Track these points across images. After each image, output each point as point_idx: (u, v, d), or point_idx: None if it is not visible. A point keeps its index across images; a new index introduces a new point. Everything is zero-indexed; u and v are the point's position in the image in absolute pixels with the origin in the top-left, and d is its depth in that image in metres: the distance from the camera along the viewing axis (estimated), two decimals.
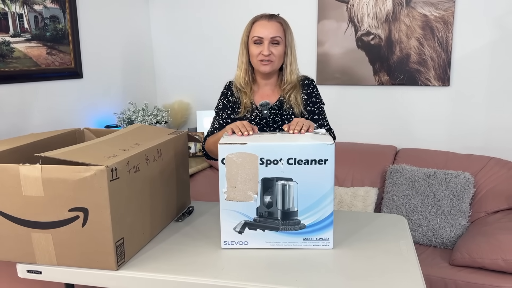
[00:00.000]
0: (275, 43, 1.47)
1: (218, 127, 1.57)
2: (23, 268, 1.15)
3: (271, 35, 1.46)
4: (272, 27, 1.47)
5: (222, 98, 1.61)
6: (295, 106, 1.52)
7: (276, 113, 1.53)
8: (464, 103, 2.48)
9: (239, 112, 1.54)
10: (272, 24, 1.47)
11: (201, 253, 1.19)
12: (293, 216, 1.18)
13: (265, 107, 1.49)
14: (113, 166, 1.05)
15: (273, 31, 1.46)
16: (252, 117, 1.53)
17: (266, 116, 1.51)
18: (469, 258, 1.86)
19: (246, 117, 1.54)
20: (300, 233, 1.19)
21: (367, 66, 2.60)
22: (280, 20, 1.51)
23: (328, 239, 1.20)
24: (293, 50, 1.52)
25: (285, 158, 1.13)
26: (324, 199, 1.16)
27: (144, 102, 2.83)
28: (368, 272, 1.09)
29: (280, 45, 1.48)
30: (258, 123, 1.53)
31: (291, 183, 1.15)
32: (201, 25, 2.99)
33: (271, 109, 1.52)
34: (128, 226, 1.14)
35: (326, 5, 2.62)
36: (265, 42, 1.46)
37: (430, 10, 2.42)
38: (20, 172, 1.07)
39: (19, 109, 2.14)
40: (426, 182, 2.27)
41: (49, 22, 2.30)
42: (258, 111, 1.53)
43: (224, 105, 1.59)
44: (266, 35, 1.46)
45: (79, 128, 1.56)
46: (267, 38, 1.46)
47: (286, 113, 1.53)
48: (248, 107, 1.53)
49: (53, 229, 1.09)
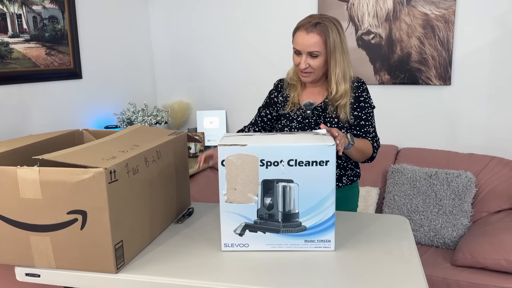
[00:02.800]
0: (313, 56, 1.42)
1: (253, 122, 1.63)
2: (22, 271, 1.14)
3: (308, 49, 1.40)
4: (310, 41, 1.39)
5: (268, 96, 1.63)
6: (342, 113, 1.46)
7: (319, 114, 1.50)
8: (466, 102, 2.46)
9: (286, 108, 1.54)
10: (311, 37, 1.39)
11: (202, 255, 1.18)
12: (294, 218, 1.16)
13: (309, 107, 1.48)
14: (111, 168, 1.04)
15: (311, 45, 1.39)
16: (295, 115, 1.52)
17: (309, 117, 1.49)
18: (471, 259, 1.85)
19: (289, 115, 1.53)
20: (301, 235, 1.17)
21: (367, 66, 2.59)
22: (320, 30, 1.39)
23: (329, 241, 1.18)
24: (339, 59, 1.42)
25: (286, 159, 1.11)
26: (326, 200, 1.15)
27: (144, 102, 2.82)
28: (370, 274, 1.07)
29: (319, 57, 1.42)
30: (301, 122, 1.51)
31: (292, 185, 1.13)
32: (201, 25, 2.98)
33: (315, 110, 1.50)
34: (127, 228, 1.13)
35: (327, 4, 2.60)
36: (303, 56, 1.43)
37: (430, 8, 2.41)
38: (18, 175, 1.06)
39: (18, 110, 2.13)
40: (427, 182, 2.26)
41: (48, 23, 2.29)
42: (302, 110, 1.51)
43: (267, 103, 1.62)
44: (303, 48, 1.42)
45: (78, 130, 1.54)
46: (304, 52, 1.42)
47: (329, 115, 1.48)
48: (293, 105, 1.52)
49: (52, 232, 1.08)
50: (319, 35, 1.40)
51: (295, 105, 1.53)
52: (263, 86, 2.78)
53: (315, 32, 1.39)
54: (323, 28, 1.40)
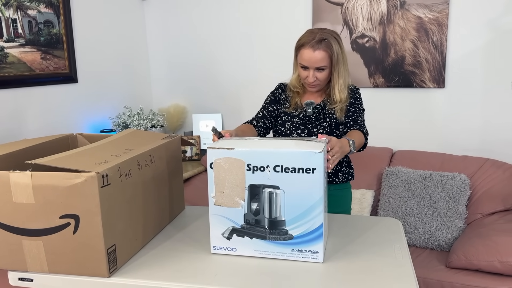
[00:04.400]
0: (320, 69, 1.52)
1: (262, 116, 1.66)
2: (15, 276, 1.14)
3: (316, 65, 1.51)
4: (317, 57, 1.49)
5: (271, 95, 1.70)
6: (338, 113, 1.58)
7: (319, 111, 1.61)
8: (459, 104, 2.48)
9: (288, 108, 1.65)
10: (317, 54, 1.49)
11: (195, 259, 1.19)
12: (280, 225, 1.14)
13: (309, 106, 1.56)
14: (103, 172, 1.04)
15: (318, 61, 1.50)
16: (296, 113, 1.63)
17: (310, 115, 1.58)
18: (466, 260, 1.86)
19: (292, 113, 1.63)
20: (288, 244, 1.15)
21: (362, 69, 2.60)
22: (325, 47, 1.49)
23: (317, 252, 1.14)
24: (341, 70, 1.54)
25: (272, 165, 1.10)
26: (313, 210, 1.11)
27: (140, 106, 2.83)
28: (362, 276, 1.08)
29: (325, 70, 1.53)
30: (302, 118, 1.61)
31: (278, 191, 1.12)
32: (196, 29, 2.99)
33: (315, 108, 1.60)
34: (120, 232, 1.13)
35: (321, 8, 2.62)
36: (311, 71, 1.53)
37: (424, 12, 2.42)
38: (10, 179, 1.06)
39: (14, 115, 2.14)
40: (422, 184, 2.27)
41: (43, 27, 2.29)
42: (302, 109, 1.62)
43: (272, 100, 1.68)
44: (311, 65, 1.51)
45: (72, 134, 1.55)
46: (312, 68, 1.52)
47: (328, 112, 1.60)
48: (295, 105, 1.64)
49: (44, 236, 1.08)
50: (325, 51, 1.50)
51: (296, 105, 1.64)
52: (259, 89, 2.80)
53: (321, 49, 1.49)
54: (328, 44, 1.50)
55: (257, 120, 1.65)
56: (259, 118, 1.65)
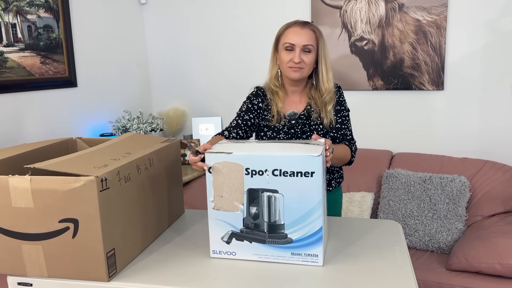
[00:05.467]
0: (306, 51, 1.44)
1: (235, 125, 1.52)
2: (14, 281, 1.14)
3: (304, 42, 1.43)
4: (305, 35, 1.44)
5: (247, 102, 1.56)
6: (325, 117, 1.49)
7: (304, 122, 1.51)
8: (459, 106, 2.48)
9: (271, 121, 1.52)
10: (305, 31, 1.44)
11: (194, 263, 1.18)
12: (279, 229, 1.14)
13: (293, 117, 1.48)
14: (103, 176, 1.04)
15: (306, 38, 1.44)
16: (280, 126, 1.52)
17: (294, 126, 1.50)
18: (466, 263, 1.86)
19: (275, 126, 1.52)
20: (288, 248, 1.15)
21: (361, 71, 2.61)
22: (313, 28, 1.47)
23: (317, 255, 1.14)
24: (327, 58, 1.49)
25: (270, 169, 1.09)
26: (312, 213, 1.11)
27: (139, 110, 2.83)
28: (362, 279, 1.08)
29: (311, 53, 1.45)
30: (287, 132, 1.51)
31: (277, 195, 1.11)
32: (195, 33, 2.99)
33: (299, 119, 1.51)
34: (119, 236, 1.13)
35: (320, 11, 2.63)
36: (297, 50, 1.44)
37: (422, 14, 2.43)
38: (9, 184, 1.06)
39: (13, 119, 2.14)
40: (422, 187, 2.26)
41: (43, 32, 2.30)
42: (286, 120, 1.51)
43: (248, 108, 1.55)
44: (298, 42, 1.43)
45: (72, 138, 1.55)
46: (299, 46, 1.44)
47: (314, 122, 1.51)
48: (278, 115, 1.51)
49: (44, 240, 1.08)
50: (312, 31, 1.47)
51: (279, 115, 1.52)
52: None
53: (308, 28, 1.46)
54: (315, 28, 1.49)
55: (230, 130, 1.52)
56: (232, 128, 1.52)
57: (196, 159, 1.16)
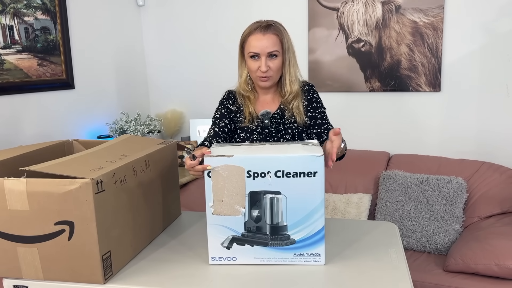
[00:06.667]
0: (272, 56, 1.42)
1: (213, 134, 1.49)
2: (10, 283, 1.14)
3: (268, 50, 1.40)
4: (268, 41, 1.39)
5: (220, 107, 1.55)
6: (297, 115, 1.47)
7: (278, 121, 1.49)
8: (456, 108, 2.49)
9: (243, 122, 1.50)
10: (268, 37, 1.40)
11: (190, 265, 1.18)
12: (282, 230, 1.13)
13: (266, 116, 1.46)
14: (98, 178, 1.04)
15: (269, 45, 1.40)
16: (253, 126, 1.49)
17: (268, 126, 1.48)
18: (463, 264, 1.86)
19: (248, 127, 1.50)
20: (290, 249, 1.15)
21: (358, 73, 2.61)
22: (276, 31, 1.42)
23: (319, 254, 1.15)
24: (292, 59, 1.45)
25: (273, 170, 1.09)
26: (314, 213, 1.12)
27: (137, 111, 2.83)
28: (358, 281, 1.08)
29: (277, 58, 1.43)
30: (261, 132, 1.49)
31: (280, 197, 1.11)
32: (193, 34, 3.00)
33: (273, 118, 1.49)
34: (115, 239, 1.13)
35: (317, 13, 2.63)
36: (262, 58, 1.41)
37: (419, 16, 2.44)
38: (4, 186, 1.06)
39: (10, 121, 2.14)
40: (419, 188, 2.27)
41: (40, 34, 2.30)
42: (259, 120, 1.49)
43: (222, 114, 1.53)
44: (262, 50, 1.40)
45: (68, 140, 1.55)
46: (263, 54, 1.40)
47: (288, 121, 1.48)
48: (250, 116, 1.50)
49: (39, 243, 1.08)
50: (275, 35, 1.41)
51: (252, 116, 1.50)
52: None
53: (271, 33, 1.41)
54: (277, 29, 1.43)
55: (209, 140, 1.48)
56: (210, 138, 1.49)
57: (194, 163, 1.14)
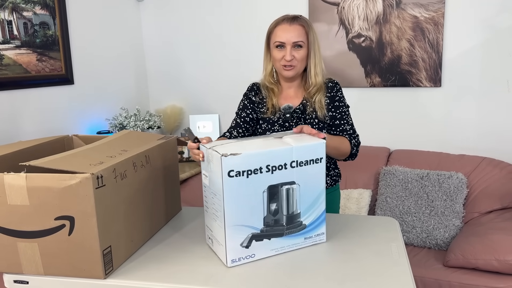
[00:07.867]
0: (297, 46, 1.44)
1: (235, 125, 1.56)
2: (10, 279, 1.14)
3: (293, 39, 1.43)
4: (294, 31, 1.43)
5: (244, 99, 1.59)
6: (318, 110, 1.49)
7: (299, 116, 1.51)
8: (456, 103, 2.48)
9: (266, 113, 1.53)
10: (294, 28, 1.44)
11: (191, 260, 1.18)
12: (296, 218, 1.18)
13: (288, 110, 1.48)
14: (98, 173, 1.04)
15: (295, 35, 1.43)
16: (275, 118, 1.53)
17: (289, 120, 1.50)
18: (463, 259, 1.86)
19: (270, 118, 1.53)
20: (302, 234, 1.20)
21: (358, 68, 2.60)
22: (302, 22, 1.46)
23: (323, 233, 1.24)
24: (317, 51, 1.48)
25: (289, 161, 1.12)
26: (319, 197, 1.19)
27: (136, 107, 2.82)
28: (359, 275, 1.08)
29: (302, 49, 1.45)
30: (282, 125, 1.52)
31: (294, 186, 1.14)
32: (193, 30, 2.98)
33: (294, 113, 1.51)
34: (116, 234, 1.13)
35: (317, 8, 2.62)
36: (287, 47, 1.44)
37: (420, 11, 2.43)
38: (4, 181, 1.05)
39: (9, 117, 2.13)
40: (419, 183, 2.27)
41: (39, 29, 2.29)
42: (281, 113, 1.51)
43: (245, 105, 1.58)
44: (288, 39, 1.43)
45: (68, 135, 1.54)
46: (289, 43, 1.43)
47: (309, 116, 1.50)
48: (272, 108, 1.53)
49: (39, 238, 1.08)
50: (301, 26, 1.45)
51: (274, 108, 1.53)
52: None
53: (297, 24, 1.45)
54: (303, 21, 1.47)
55: (231, 131, 1.56)
56: (232, 129, 1.56)
57: (193, 145, 1.22)
